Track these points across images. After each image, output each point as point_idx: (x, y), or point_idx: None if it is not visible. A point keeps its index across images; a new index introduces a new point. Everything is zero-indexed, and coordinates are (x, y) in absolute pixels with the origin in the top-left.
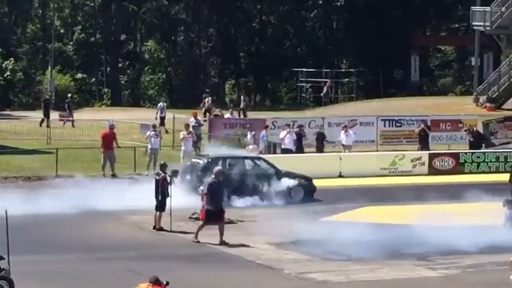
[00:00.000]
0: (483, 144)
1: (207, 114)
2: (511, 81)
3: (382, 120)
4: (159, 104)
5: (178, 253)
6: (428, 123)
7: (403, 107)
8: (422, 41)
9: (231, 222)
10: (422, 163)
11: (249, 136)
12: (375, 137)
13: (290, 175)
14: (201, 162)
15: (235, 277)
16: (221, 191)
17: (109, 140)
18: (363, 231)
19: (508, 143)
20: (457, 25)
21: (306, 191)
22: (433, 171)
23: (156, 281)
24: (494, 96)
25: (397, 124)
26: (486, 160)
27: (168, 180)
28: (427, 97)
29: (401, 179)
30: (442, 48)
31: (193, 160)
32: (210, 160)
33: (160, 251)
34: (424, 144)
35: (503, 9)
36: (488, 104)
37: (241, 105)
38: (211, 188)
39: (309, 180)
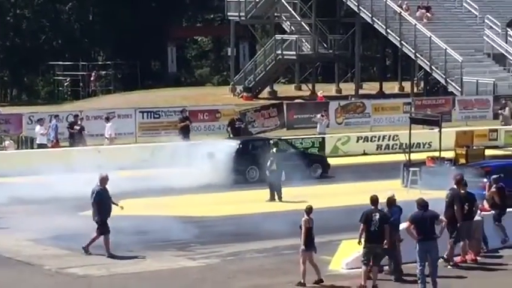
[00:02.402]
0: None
1: None
2: (266, 70)
3: (140, 112)
4: None
5: None
6: (187, 114)
7: (161, 99)
8: (179, 33)
9: None
10: None
11: None
12: (134, 129)
13: (309, 154)
14: (234, 144)
15: None
16: (109, 199)
17: None
18: (123, 224)
19: (265, 131)
20: (212, 16)
21: (323, 168)
22: None
23: None
24: (250, 85)
25: (156, 116)
26: None
27: None
28: (185, 88)
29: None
30: (199, 39)
31: (225, 143)
32: (241, 143)
33: None
34: (185, 135)
35: None
36: (245, 94)
37: None
38: (99, 197)
39: (324, 158)
